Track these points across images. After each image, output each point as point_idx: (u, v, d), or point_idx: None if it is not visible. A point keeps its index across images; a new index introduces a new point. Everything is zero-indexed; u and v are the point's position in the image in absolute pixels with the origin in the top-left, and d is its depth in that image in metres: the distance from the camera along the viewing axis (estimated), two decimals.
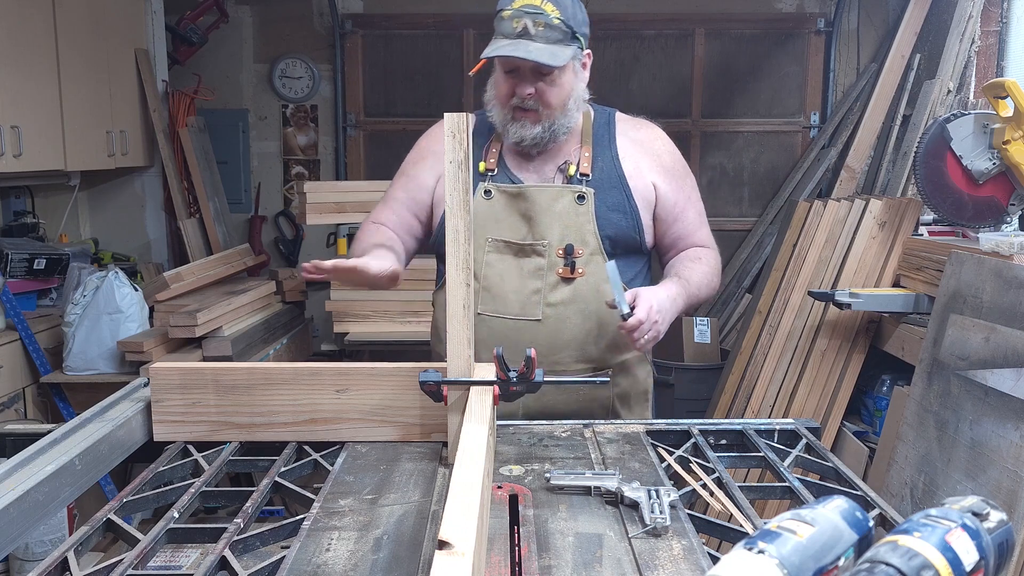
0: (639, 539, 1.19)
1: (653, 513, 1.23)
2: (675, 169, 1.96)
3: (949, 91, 3.76)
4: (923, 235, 3.26)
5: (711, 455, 1.53)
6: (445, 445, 1.52)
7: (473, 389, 1.41)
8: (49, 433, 1.44)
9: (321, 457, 1.52)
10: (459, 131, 1.36)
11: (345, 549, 1.17)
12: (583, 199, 1.85)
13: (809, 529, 0.84)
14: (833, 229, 3.47)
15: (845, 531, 0.87)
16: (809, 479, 1.47)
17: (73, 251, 3.75)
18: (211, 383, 1.55)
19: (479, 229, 1.85)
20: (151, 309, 3.36)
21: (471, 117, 1.96)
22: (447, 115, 1.37)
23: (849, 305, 3.11)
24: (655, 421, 1.75)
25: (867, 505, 1.33)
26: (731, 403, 3.74)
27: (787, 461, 1.54)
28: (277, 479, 1.41)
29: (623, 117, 1.99)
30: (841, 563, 0.85)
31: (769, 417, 3.31)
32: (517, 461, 1.50)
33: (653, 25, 4.88)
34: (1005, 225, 2.95)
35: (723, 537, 1.28)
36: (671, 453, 1.55)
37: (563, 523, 1.25)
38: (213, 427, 1.56)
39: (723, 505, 1.36)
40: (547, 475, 1.38)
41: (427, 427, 1.56)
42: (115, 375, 3.20)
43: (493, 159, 1.90)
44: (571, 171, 1.87)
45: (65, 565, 1.13)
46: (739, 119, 4.96)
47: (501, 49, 1.76)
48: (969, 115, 2.95)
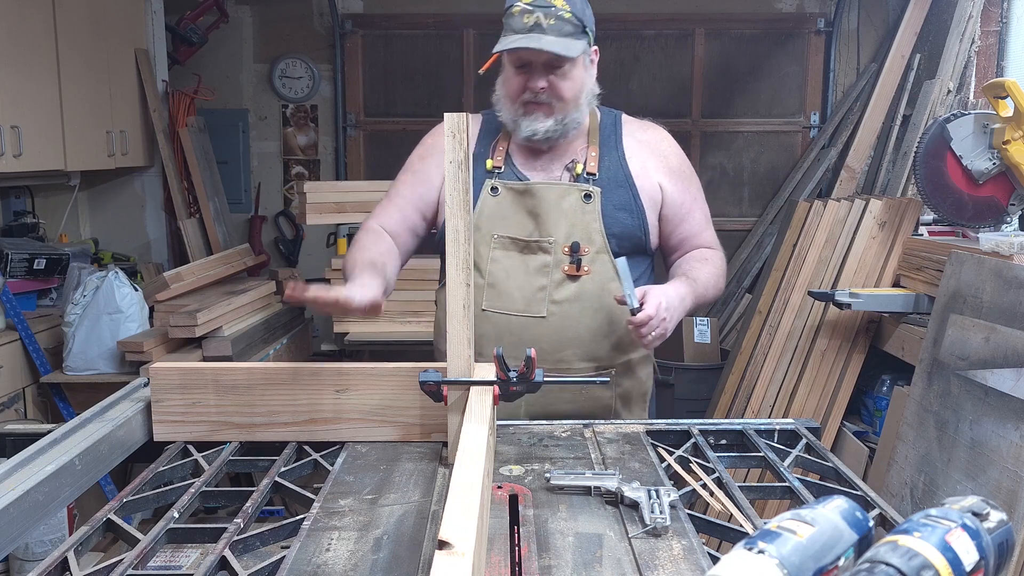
0: (639, 539, 1.19)
1: (653, 513, 1.23)
2: (681, 170, 1.96)
3: (949, 91, 3.76)
4: (923, 235, 3.26)
5: (711, 455, 1.53)
6: (445, 445, 1.52)
7: (473, 389, 1.41)
8: (49, 433, 1.44)
9: (321, 457, 1.52)
10: (459, 131, 1.36)
11: (345, 549, 1.17)
12: (590, 198, 1.85)
13: (809, 529, 0.84)
14: (833, 229, 3.47)
15: (845, 531, 0.87)
16: (809, 479, 1.47)
17: (73, 251, 3.74)
18: (211, 383, 1.55)
19: (485, 226, 1.85)
20: (151, 309, 3.36)
21: (471, 117, 1.97)
22: (447, 115, 1.37)
23: (849, 305, 3.11)
24: (655, 421, 1.75)
25: (867, 505, 1.33)
26: (731, 403, 3.73)
27: (787, 461, 1.54)
28: (277, 479, 1.41)
29: (629, 119, 1.99)
30: (841, 563, 0.85)
31: (769, 417, 3.31)
32: (517, 461, 1.50)
33: (653, 25, 4.88)
34: (1005, 225, 2.95)
35: (723, 537, 1.28)
36: (671, 453, 1.55)
37: (563, 523, 1.25)
38: (213, 427, 1.56)
39: (723, 505, 1.36)
40: (547, 475, 1.38)
41: (427, 427, 1.56)
42: (115, 375, 3.20)
43: (500, 157, 1.90)
44: (578, 170, 1.87)
45: (65, 565, 1.13)
46: (739, 119, 4.96)
47: (516, 42, 1.76)
48: (969, 115, 2.95)
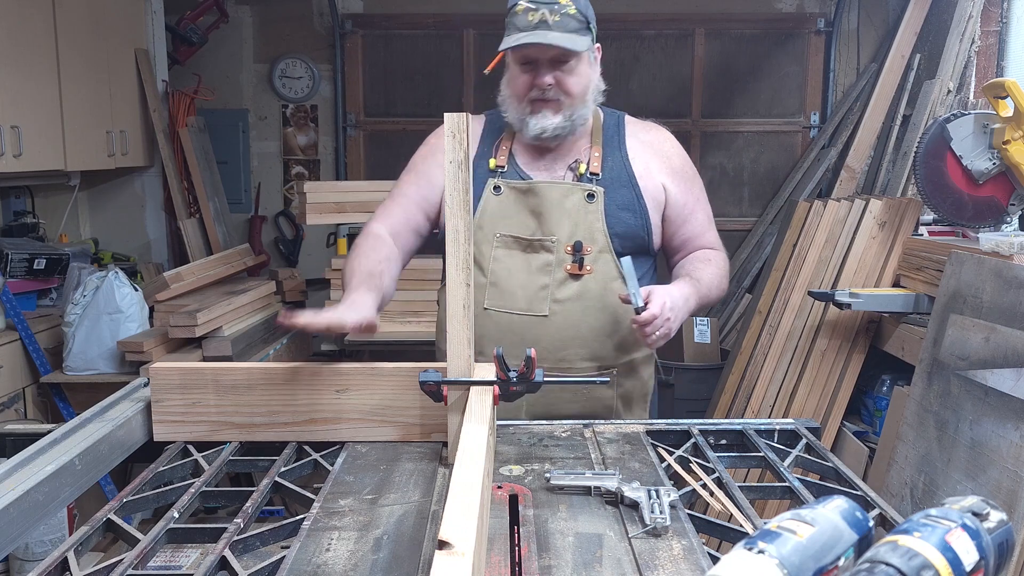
0: (639, 539, 1.19)
1: (653, 513, 1.23)
2: (684, 171, 1.96)
3: (949, 91, 3.76)
4: (923, 235, 3.26)
5: (711, 455, 1.53)
6: (445, 445, 1.52)
7: (473, 389, 1.41)
8: (49, 433, 1.44)
9: (321, 457, 1.52)
10: (459, 131, 1.36)
11: (345, 549, 1.17)
12: (593, 197, 1.85)
13: (809, 529, 0.84)
14: (833, 229, 3.47)
15: (845, 531, 0.87)
16: (809, 479, 1.47)
17: (73, 251, 3.75)
18: (211, 383, 1.54)
19: (488, 225, 1.85)
20: (151, 309, 3.36)
21: (474, 117, 1.97)
22: (447, 115, 1.36)
23: (849, 305, 3.11)
24: (655, 421, 1.75)
25: (867, 505, 1.33)
26: (731, 403, 3.73)
27: (787, 461, 1.54)
28: (277, 479, 1.40)
29: (632, 120, 1.99)
30: (841, 563, 0.85)
31: (769, 417, 3.31)
32: (517, 461, 1.50)
33: (653, 25, 4.88)
34: (1005, 225, 2.95)
35: (723, 537, 1.28)
36: (671, 453, 1.55)
37: (563, 523, 1.25)
38: (213, 427, 1.56)
39: (723, 505, 1.36)
40: (547, 475, 1.38)
41: (427, 427, 1.56)
42: (115, 375, 3.20)
43: (503, 156, 1.90)
44: (581, 169, 1.87)
45: (65, 565, 1.13)
46: (739, 119, 4.96)
47: (523, 39, 1.75)
48: (969, 115, 2.95)
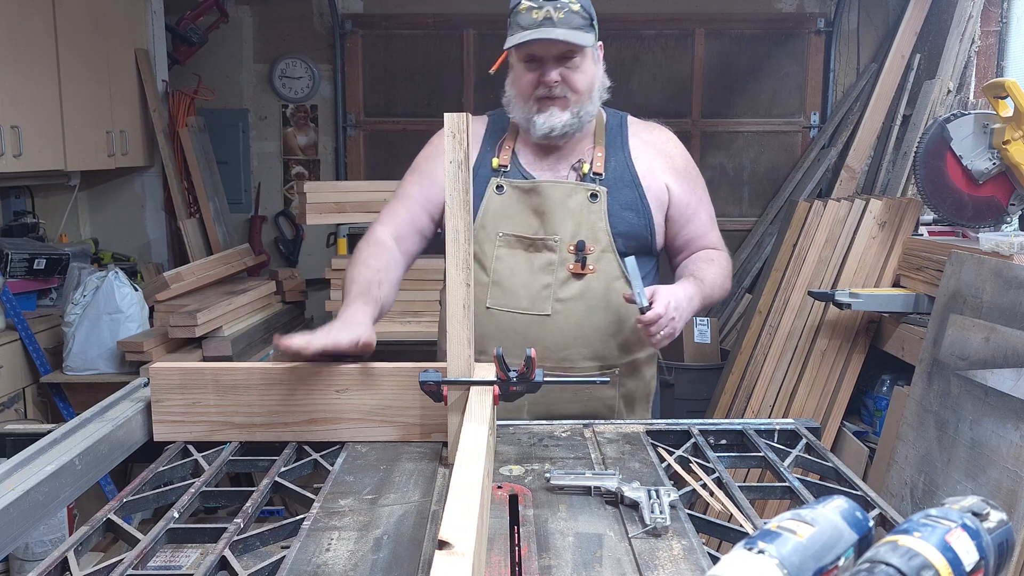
0: (639, 539, 1.19)
1: (653, 513, 1.23)
2: (687, 171, 1.96)
3: (949, 91, 3.76)
4: (923, 235, 3.26)
5: (711, 455, 1.53)
6: (445, 445, 1.52)
7: (473, 389, 1.41)
8: (49, 433, 1.44)
9: (321, 457, 1.52)
10: (459, 131, 1.36)
11: (345, 549, 1.17)
12: (596, 197, 1.84)
13: (809, 529, 0.84)
14: (833, 229, 3.47)
15: (845, 531, 0.87)
16: (809, 479, 1.47)
17: (73, 251, 3.75)
18: (211, 383, 1.54)
19: (490, 224, 1.85)
20: (151, 309, 3.36)
21: (477, 118, 1.97)
22: (447, 115, 1.36)
23: (849, 305, 3.11)
24: (655, 421, 1.75)
25: (867, 505, 1.33)
26: (731, 403, 3.73)
27: (787, 461, 1.54)
28: (277, 479, 1.40)
29: (635, 120, 2.00)
30: (841, 563, 0.85)
31: (769, 417, 3.31)
32: (517, 461, 1.50)
33: (653, 25, 4.88)
34: (1005, 225, 2.95)
35: (723, 537, 1.27)
36: (671, 453, 1.55)
37: (563, 523, 1.25)
38: (213, 427, 1.56)
39: (723, 505, 1.36)
40: (547, 475, 1.38)
41: (427, 427, 1.55)
42: (115, 375, 3.20)
43: (507, 156, 1.90)
44: (584, 169, 1.87)
45: (65, 565, 1.13)
46: (739, 119, 4.96)
47: (528, 35, 1.75)
48: (969, 115, 2.95)
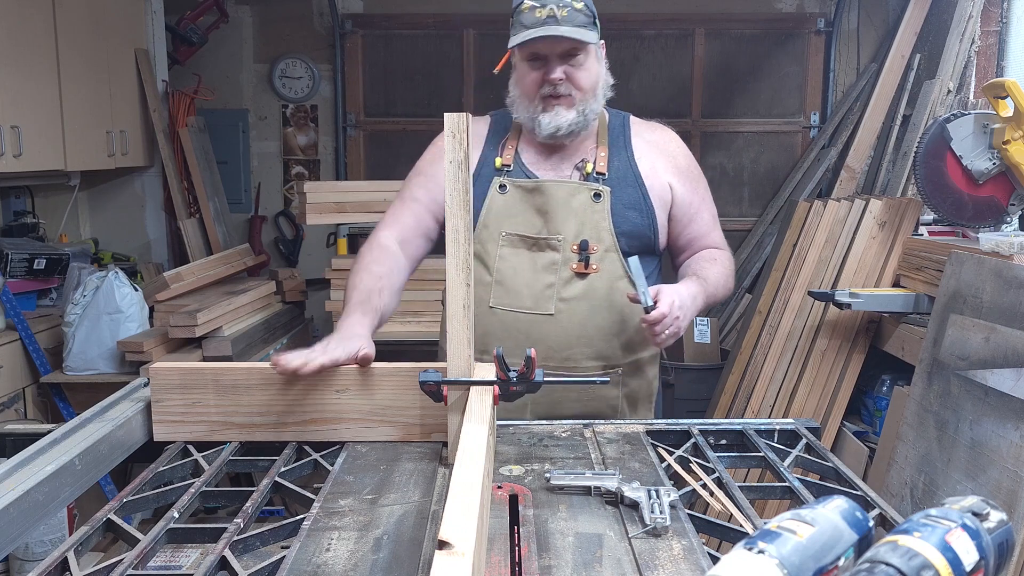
0: (639, 539, 1.19)
1: (653, 513, 1.23)
2: (690, 171, 1.96)
3: (949, 91, 3.76)
4: (923, 235, 3.26)
5: (711, 455, 1.53)
6: (445, 445, 1.52)
7: (473, 389, 1.41)
8: (49, 433, 1.44)
9: (321, 457, 1.52)
10: (459, 131, 1.36)
11: (345, 549, 1.17)
12: (599, 197, 1.84)
13: (809, 529, 0.84)
14: (833, 229, 3.47)
15: (845, 531, 0.87)
16: (809, 479, 1.47)
17: (73, 251, 3.75)
18: (211, 383, 1.54)
19: (493, 223, 1.85)
20: (151, 309, 3.36)
21: (480, 118, 1.97)
22: (447, 115, 1.36)
23: (849, 305, 3.11)
24: (655, 421, 1.75)
25: (867, 505, 1.33)
26: (731, 403, 3.73)
27: (787, 461, 1.54)
28: (277, 479, 1.40)
29: (637, 120, 2.00)
30: (841, 563, 0.85)
31: (769, 417, 3.31)
32: (517, 461, 1.50)
33: (653, 25, 4.88)
34: (1005, 225, 2.95)
35: (723, 537, 1.27)
36: (671, 453, 1.55)
37: (563, 523, 1.25)
38: (213, 427, 1.56)
39: (723, 505, 1.36)
40: (547, 475, 1.38)
41: (427, 427, 1.56)
42: (115, 375, 3.20)
43: (509, 155, 1.90)
44: (588, 169, 1.87)
45: (65, 565, 1.13)
46: (739, 119, 4.96)
47: (533, 33, 1.74)
48: (969, 115, 2.95)
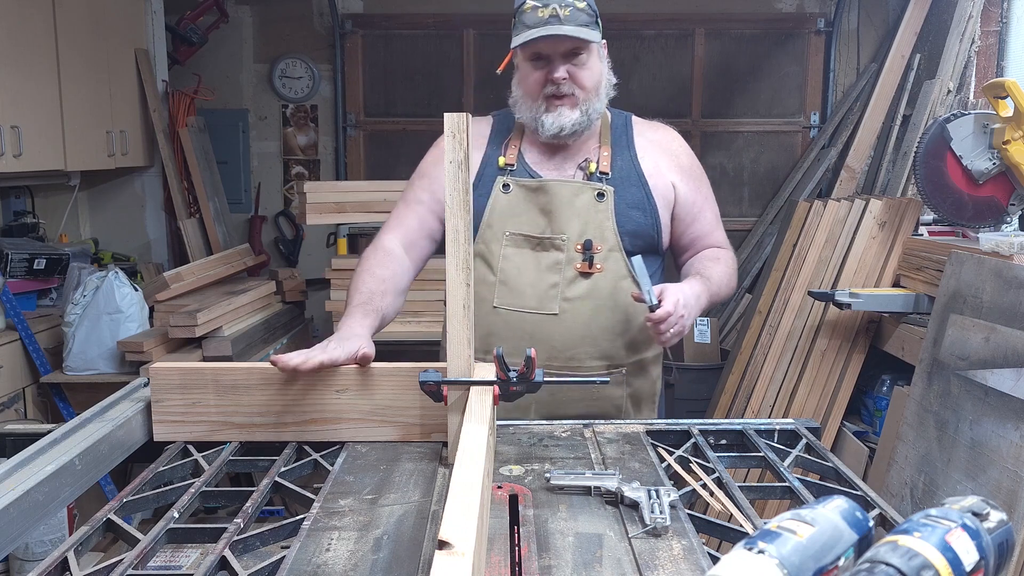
0: (639, 539, 1.19)
1: (653, 513, 1.23)
2: (692, 170, 1.97)
3: (949, 91, 3.76)
4: (923, 235, 3.26)
5: (711, 455, 1.53)
6: (445, 445, 1.52)
7: (473, 389, 1.41)
8: (49, 433, 1.44)
9: (321, 457, 1.52)
10: (459, 131, 1.36)
11: (345, 549, 1.17)
12: (603, 196, 1.84)
13: (809, 529, 0.84)
14: (833, 229, 3.47)
15: (845, 531, 0.87)
16: (809, 479, 1.47)
17: (73, 251, 3.75)
18: (211, 383, 1.54)
19: (497, 223, 1.85)
20: (151, 309, 3.36)
21: (482, 118, 1.97)
22: (447, 115, 1.36)
23: (849, 305, 3.11)
24: (655, 421, 1.75)
25: (867, 505, 1.33)
26: (731, 403, 3.73)
27: (787, 461, 1.54)
28: (277, 479, 1.40)
29: (639, 119, 2.00)
30: (841, 563, 0.85)
31: (769, 417, 3.31)
32: (517, 461, 1.50)
33: (653, 25, 4.88)
34: (1005, 225, 2.95)
35: (723, 537, 1.27)
36: (671, 453, 1.55)
37: (563, 523, 1.25)
38: (213, 427, 1.56)
39: (723, 505, 1.36)
40: (547, 475, 1.38)
41: (427, 427, 1.56)
42: (115, 375, 3.20)
43: (513, 155, 1.90)
44: (591, 168, 1.87)
45: (65, 565, 1.13)
46: (739, 119, 4.96)
47: (536, 33, 1.74)
48: (969, 115, 2.95)
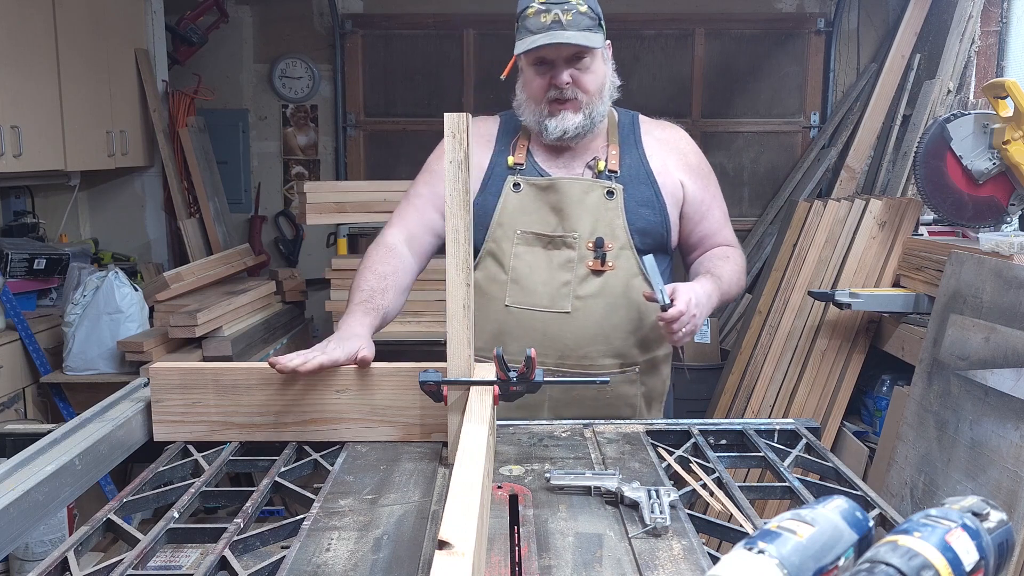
0: (639, 539, 1.19)
1: (653, 513, 1.23)
2: (700, 168, 1.97)
3: (949, 91, 3.76)
4: (923, 235, 3.26)
5: (711, 455, 1.53)
6: (445, 445, 1.52)
7: (473, 389, 1.41)
8: (49, 433, 1.44)
9: (321, 457, 1.52)
10: (459, 131, 1.36)
11: (345, 549, 1.17)
12: (612, 195, 1.85)
13: (809, 529, 0.84)
14: (833, 229, 3.47)
15: (845, 531, 0.87)
16: (809, 479, 1.47)
17: (73, 251, 3.75)
18: (211, 383, 1.54)
19: (508, 222, 1.86)
20: (151, 309, 3.36)
21: (489, 118, 1.98)
22: (447, 115, 1.36)
23: (849, 305, 3.11)
24: (655, 421, 1.75)
25: (867, 505, 1.33)
26: (731, 403, 3.73)
27: (787, 461, 1.54)
28: (277, 479, 1.40)
29: (646, 118, 2.00)
30: (841, 563, 0.85)
31: (769, 417, 3.31)
32: (517, 461, 1.50)
33: (653, 25, 4.88)
34: (1005, 225, 2.95)
35: (723, 537, 1.27)
36: (671, 453, 1.55)
37: (563, 523, 1.25)
38: (213, 427, 1.56)
39: (723, 505, 1.36)
40: (547, 475, 1.38)
41: (427, 427, 1.56)
42: (115, 375, 3.20)
43: (522, 154, 1.90)
44: (600, 167, 1.87)
45: (65, 565, 1.13)
46: (739, 119, 4.96)
47: (539, 40, 1.75)
48: (969, 115, 2.95)
